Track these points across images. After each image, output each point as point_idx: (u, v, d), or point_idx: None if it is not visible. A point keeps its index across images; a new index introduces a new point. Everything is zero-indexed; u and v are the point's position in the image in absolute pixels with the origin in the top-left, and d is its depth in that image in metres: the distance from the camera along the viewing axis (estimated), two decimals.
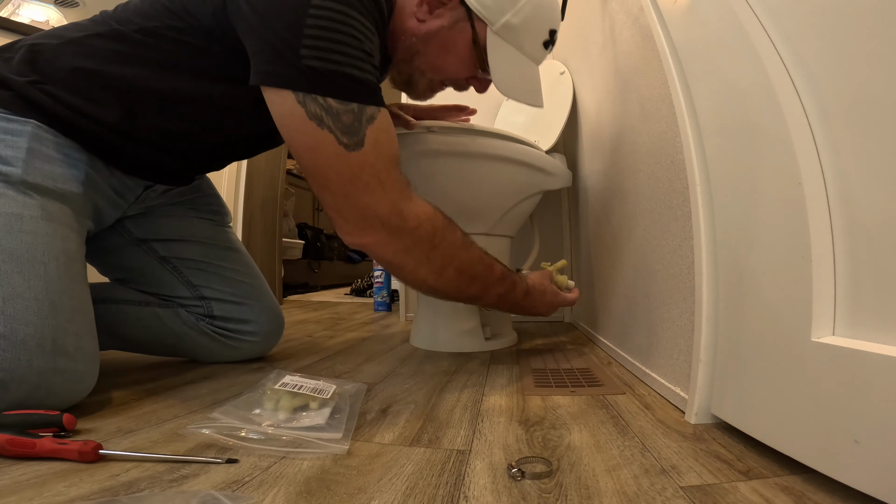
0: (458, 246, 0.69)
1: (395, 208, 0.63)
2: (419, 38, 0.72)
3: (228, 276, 0.88)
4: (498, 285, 0.75)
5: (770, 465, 0.44)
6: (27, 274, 0.56)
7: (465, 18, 0.71)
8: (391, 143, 0.64)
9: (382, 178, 0.62)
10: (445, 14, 0.71)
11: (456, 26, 0.71)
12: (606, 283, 1.03)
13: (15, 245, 0.56)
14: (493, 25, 0.70)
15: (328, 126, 0.58)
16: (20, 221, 0.57)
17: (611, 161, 0.98)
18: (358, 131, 0.59)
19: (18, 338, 0.53)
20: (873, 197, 0.38)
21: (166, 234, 0.85)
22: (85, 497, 0.38)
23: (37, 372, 0.54)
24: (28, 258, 0.56)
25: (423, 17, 0.71)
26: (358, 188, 0.61)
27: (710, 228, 0.56)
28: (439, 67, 0.75)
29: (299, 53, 0.56)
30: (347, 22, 0.57)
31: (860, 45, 0.38)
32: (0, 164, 0.59)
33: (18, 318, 0.54)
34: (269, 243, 2.13)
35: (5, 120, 0.61)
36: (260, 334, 0.89)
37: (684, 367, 0.61)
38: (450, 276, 0.69)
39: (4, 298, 0.54)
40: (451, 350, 0.99)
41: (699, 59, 0.58)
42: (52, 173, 0.62)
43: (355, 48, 0.58)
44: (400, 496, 0.39)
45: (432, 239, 0.66)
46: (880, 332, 0.36)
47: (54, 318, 0.56)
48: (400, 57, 0.75)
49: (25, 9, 1.78)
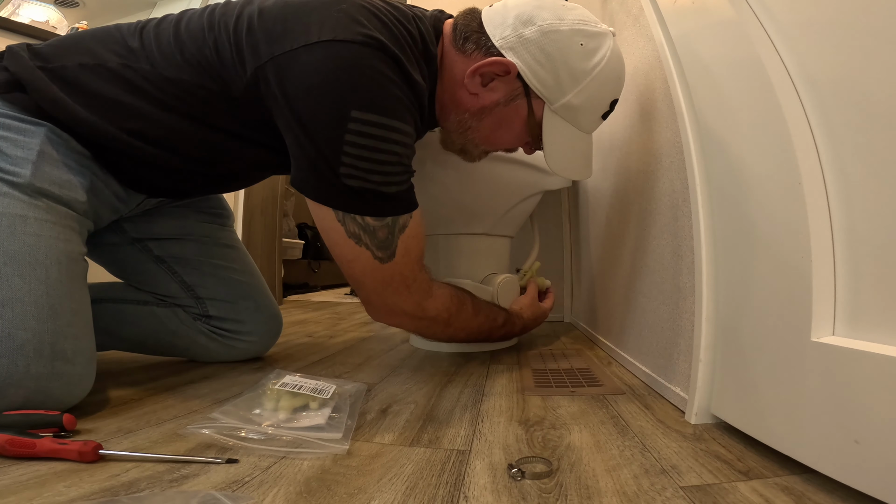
0: (468, 319, 0.79)
1: (418, 306, 0.71)
2: (472, 113, 0.69)
3: (224, 276, 0.87)
4: (499, 330, 0.88)
5: (770, 465, 0.44)
6: (28, 277, 0.55)
7: (521, 95, 0.66)
8: (419, 247, 0.69)
9: (409, 282, 0.68)
10: (500, 88, 0.66)
11: (512, 104, 0.67)
12: (606, 283, 1.03)
13: (17, 248, 0.55)
14: (552, 105, 0.66)
15: (365, 244, 0.63)
16: (24, 223, 0.57)
17: (610, 161, 0.98)
18: (391, 244, 0.64)
19: (16, 343, 0.53)
20: (873, 197, 0.38)
21: (162, 232, 0.84)
22: (85, 497, 0.38)
23: (34, 377, 0.53)
24: (30, 261, 0.56)
25: (475, 89, 0.67)
26: (388, 292, 0.68)
27: (710, 228, 0.56)
28: (493, 142, 0.74)
29: (338, 172, 0.57)
30: (386, 136, 0.58)
31: (860, 44, 0.37)
32: (9, 164, 0.58)
33: (17, 322, 0.53)
34: (269, 243, 2.13)
35: (19, 120, 0.60)
36: (256, 334, 0.88)
37: (684, 367, 0.61)
38: (461, 338, 0.84)
39: (3, 302, 0.53)
40: (451, 350, 0.99)
41: (699, 58, 0.58)
42: (59, 179, 0.61)
43: (394, 164, 0.60)
44: (400, 496, 0.39)
45: (448, 321, 0.76)
46: (880, 332, 0.36)
47: (54, 322, 0.56)
48: (451, 128, 0.73)
49: (25, 9, 1.78)
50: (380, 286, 0.67)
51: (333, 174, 0.57)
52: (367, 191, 0.59)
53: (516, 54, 0.64)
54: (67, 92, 0.62)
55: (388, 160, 0.59)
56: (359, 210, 0.60)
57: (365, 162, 0.57)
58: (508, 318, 0.89)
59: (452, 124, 0.72)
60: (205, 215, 0.90)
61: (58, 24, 1.83)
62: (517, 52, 0.64)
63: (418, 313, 0.72)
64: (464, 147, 0.76)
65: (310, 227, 3.36)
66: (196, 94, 0.63)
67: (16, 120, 0.60)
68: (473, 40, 0.66)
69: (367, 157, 0.57)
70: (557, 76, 0.64)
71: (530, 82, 0.64)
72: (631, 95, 0.84)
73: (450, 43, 0.68)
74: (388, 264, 0.65)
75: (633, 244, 0.83)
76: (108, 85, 0.63)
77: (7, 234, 0.55)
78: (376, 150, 0.57)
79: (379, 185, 0.59)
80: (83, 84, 0.63)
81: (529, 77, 0.64)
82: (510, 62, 0.64)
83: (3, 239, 0.55)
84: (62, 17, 1.87)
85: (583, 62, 0.64)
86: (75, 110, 0.62)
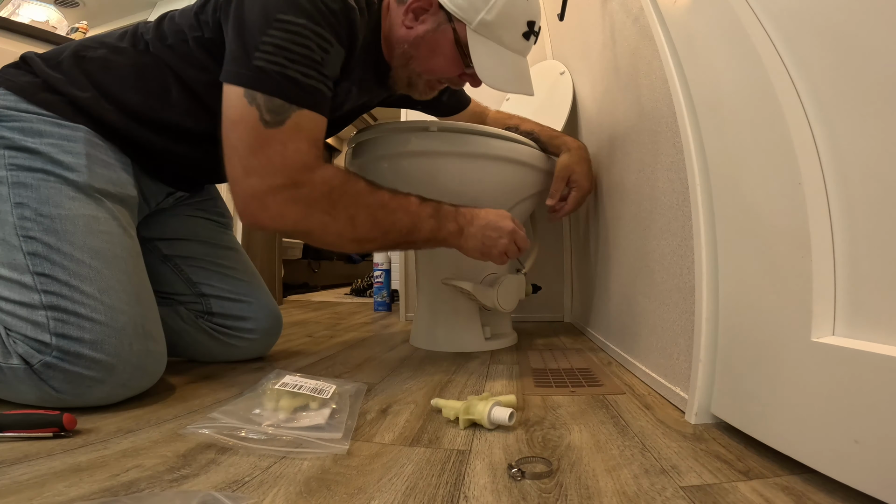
0: (362, 195, 0.69)
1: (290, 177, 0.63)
2: (409, 43, 0.78)
3: (227, 274, 0.90)
4: (423, 221, 0.74)
5: (770, 465, 0.44)
6: (113, 269, 0.63)
7: (445, 21, 0.76)
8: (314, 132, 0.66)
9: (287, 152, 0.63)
10: (428, 19, 0.77)
11: (439, 29, 0.77)
12: (606, 283, 1.03)
13: (98, 244, 0.63)
14: (471, 24, 0.75)
15: (257, 104, 0.61)
16: (97, 222, 0.64)
17: (610, 161, 0.98)
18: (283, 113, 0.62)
19: (119, 325, 0.60)
20: (873, 196, 0.38)
21: (171, 233, 0.88)
22: (85, 497, 0.38)
23: (136, 354, 0.61)
24: (111, 255, 0.64)
25: (409, 24, 0.77)
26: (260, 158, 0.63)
27: (710, 228, 0.56)
28: (431, 68, 0.81)
29: (253, 56, 0.61)
30: (303, 34, 0.62)
31: (860, 44, 0.38)
32: (65, 170, 0.64)
33: (115, 307, 0.61)
34: (269, 243, 2.13)
35: (57, 125, 0.66)
36: (258, 332, 0.89)
37: (684, 367, 0.61)
38: (363, 222, 0.69)
39: (101, 290, 0.61)
40: (451, 350, 0.99)
41: (699, 59, 0.58)
42: (111, 178, 0.68)
43: (305, 59, 0.63)
44: (400, 496, 0.39)
45: (330, 196, 0.66)
46: (880, 332, 0.36)
47: (140, 306, 0.64)
48: (397, 63, 0.81)
49: (25, 9, 1.78)
50: (254, 150, 0.61)
51: (248, 58, 0.61)
52: (274, 72, 0.61)
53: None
54: (93, 76, 0.69)
55: (300, 54, 0.62)
56: (264, 87, 0.61)
57: (280, 51, 0.61)
58: (438, 210, 0.75)
59: (398, 59, 0.80)
60: (211, 217, 0.94)
61: (58, 24, 1.83)
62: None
63: (289, 183, 0.63)
64: (410, 80, 0.83)
65: None
66: (187, 43, 0.71)
67: (55, 125, 0.66)
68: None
69: (282, 47, 0.61)
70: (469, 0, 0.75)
71: (448, 8, 0.75)
72: (631, 95, 0.84)
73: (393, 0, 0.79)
74: (272, 129, 0.61)
75: (633, 244, 0.83)
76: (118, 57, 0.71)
77: (87, 233, 0.62)
78: (291, 43, 0.61)
79: (285, 69, 0.61)
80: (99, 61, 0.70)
81: (447, 4, 0.75)
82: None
83: (86, 237, 0.62)
84: (62, 16, 1.87)
85: None
86: (101, 102, 0.68)
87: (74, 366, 0.57)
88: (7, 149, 0.63)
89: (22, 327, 0.58)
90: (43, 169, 0.63)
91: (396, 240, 0.73)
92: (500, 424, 0.54)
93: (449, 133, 0.90)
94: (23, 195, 0.62)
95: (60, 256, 0.60)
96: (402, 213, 0.72)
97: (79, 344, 0.57)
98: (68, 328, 0.58)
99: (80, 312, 0.58)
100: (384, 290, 1.85)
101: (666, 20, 0.65)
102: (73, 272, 0.60)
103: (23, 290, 0.59)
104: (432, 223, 0.74)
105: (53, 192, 0.62)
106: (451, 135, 0.90)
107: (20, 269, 0.59)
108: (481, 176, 0.94)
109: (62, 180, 0.63)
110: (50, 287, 0.59)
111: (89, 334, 0.58)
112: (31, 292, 0.58)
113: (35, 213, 0.61)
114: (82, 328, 0.58)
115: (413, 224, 0.73)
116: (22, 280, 0.59)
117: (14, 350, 0.57)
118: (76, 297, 0.59)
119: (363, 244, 0.72)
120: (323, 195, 0.66)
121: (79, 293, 0.59)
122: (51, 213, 0.61)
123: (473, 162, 0.93)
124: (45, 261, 0.59)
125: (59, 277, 0.59)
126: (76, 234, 0.62)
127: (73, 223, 0.62)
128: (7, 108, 0.65)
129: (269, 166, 0.62)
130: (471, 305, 1.01)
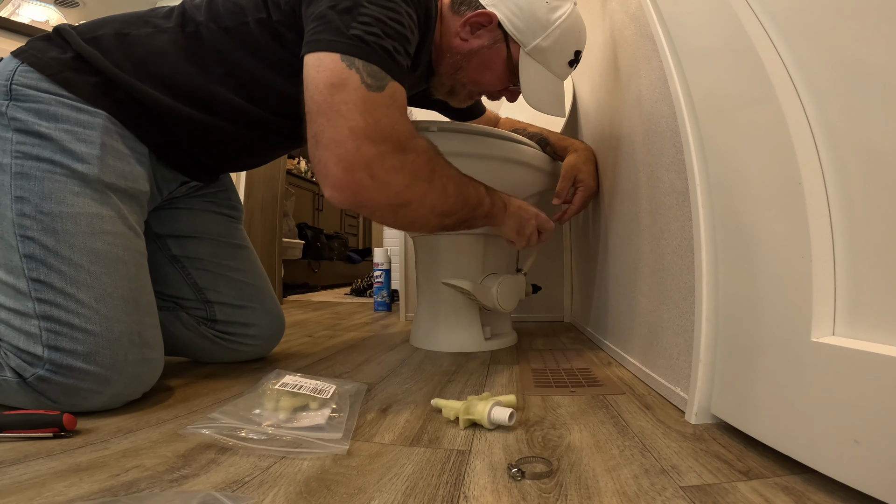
0: (448, 165, 0.70)
1: (400, 142, 0.62)
2: (462, 55, 0.81)
3: (234, 278, 0.88)
4: (482, 192, 0.75)
5: (770, 465, 0.44)
6: (114, 274, 0.61)
7: (501, 40, 0.80)
8: (404, 104, 0.64)
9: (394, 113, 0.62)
10: (485, 35, 0.80)
11: (493, 47, 0.80)
12: (606, 283, 1.03)
13: (100, 246, 0.61)
14: (526, 47, 0.80)
15: (357, 68, 0.59)
16: (101, 221, 0.62)
17: (610, 161, 0.98)
18: (383, 80, 0.61)
19: (114, 335, 0.59)
20: (873, 197, 0.38)
21: (182, 230, 0.85)
22: (85, 497, 0.38)
23: (132, 363, 0.60)
24: (112, 258, 0.61)
25: (465, 36, 0.80)
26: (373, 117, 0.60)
27: (710, 228, 0.56)
28: (479, 81, 0.84)
29: (350, 25, 0.60)
30: (397, 10, 0.63)
31: (861, 44, 0.38)
32: (76, 161, 0.61)
33: (111, 316, 0.59)
34: (269, 243, 2.13)
35: (76, 109, 0.63)
36: (261, 337, 0.89)
37: (684, 367, 0.61)
38: (452, 192, 0.68)
39: (97, 298, 0.59)
40: (451, 350, 0.99)
41: (699, 59, 0.58)
42: (124, 171, 0.65)
43: (399, 35, 0.63)
44: (400, 496, 0.39)
45: (432, 166, 0.66)
46: (880, 332, 0.36)
47: (138, 313, 0.62)
48: (444, 70, 0.84)
49: (25, 9, 1.78)
50: (362, 112, 0.58)
51: (345, 27, 0.59)
52: (373, 42, 0.60)
53: (496, 8, 0.79)
54: (134, 53, 0.68)
55: (395, 29, 0.62)
56: (362, 53, 0.59)
57: (377, 23, 0.61)
58: (487, 187, 0.77)
59: (446, 66, 0.83)
60: (223, 210, 0.91)
61: (58, 23, 1.83)
62: (497, 7, 0.79)
63: (398, 148, 0.61)
64: (453, 88, 0.86)
65: (310, 227, 3.36)
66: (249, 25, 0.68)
67: (73, 109, 0.63)
68: (467, 3, 0.81)
69: (380, 20, 0.61)
70: (528, 24, 0.79)
71: (507, 29, 0.79)
72: (631, 95, 0.84)
73: (447, 7, 0.82)
74: (375, 93, 0.60)
75: (633, 244, 0.83)
76: (165, 36, 0.69)
77: (88, 234, 0.60)
78: (387, 17, 0.62)
79: (381, 40, 0.61)
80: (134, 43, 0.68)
81: (507, 24, 0.79)
82: (492, 13, 0.79)
83: (87, 238, 0.60)
84: (62, 16, 1.87)
85: (548, 14, 0.80)
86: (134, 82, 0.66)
87: (68, 378, 0.56)
88: (18, 132, 0.61)
89: (14, 338, 0.56)
90: (51, 159, 0.60)
91: (466, 216, 0.73)
92: (500, 424, 0.54)
93: (449, 133, 0.90)
94: (24, 188, 0.59)
95: (58, 260, 0.58)
96: (472, 188, 0.73)
97: (72, 357, 0.56)
98: (61, 340, 0.56)
99: (73, 323, 0.57)
100: (384, 290, 1.85)
101: (666, 20, 0.65)
102: (70, 278, 0.58)
103: (17, 295, 0.57)
104: (488, 200, 0.76)
105: (57, 187, 0.60)
106: (451, 135, 0.90)
107: (16, 272, 0.58)
108: (482, 176, 0.94)
109: (69, 173, 0.61)
110: (44, 294, 0.57)
111: (83, 346, 0.56)
112: (24, 299, 0.57)
113: (35, 210, 0.59)
114: (75, 340, 0.56)
115: (479, 199, 0.74)
116: (17, 285, 0.57)
117: (6, 363, 0.56)
118: (71, 307, 0.57)
119: (444, 219, 0.70)
120: (426, 163, 0.65)
121: (74, 302, 0.57)
122: (52, 210, 0.59)
123: (474, 162, 0.92)
124: (42, 265, 0.58)
125: (54, 284, 0.57)
126: (77, 234, 0.59)
127: (75, 222, 0.60)
128: (28, 86, 0.62)
129: (378, 129, 0.59)
130: (471, 305, 1.01)
